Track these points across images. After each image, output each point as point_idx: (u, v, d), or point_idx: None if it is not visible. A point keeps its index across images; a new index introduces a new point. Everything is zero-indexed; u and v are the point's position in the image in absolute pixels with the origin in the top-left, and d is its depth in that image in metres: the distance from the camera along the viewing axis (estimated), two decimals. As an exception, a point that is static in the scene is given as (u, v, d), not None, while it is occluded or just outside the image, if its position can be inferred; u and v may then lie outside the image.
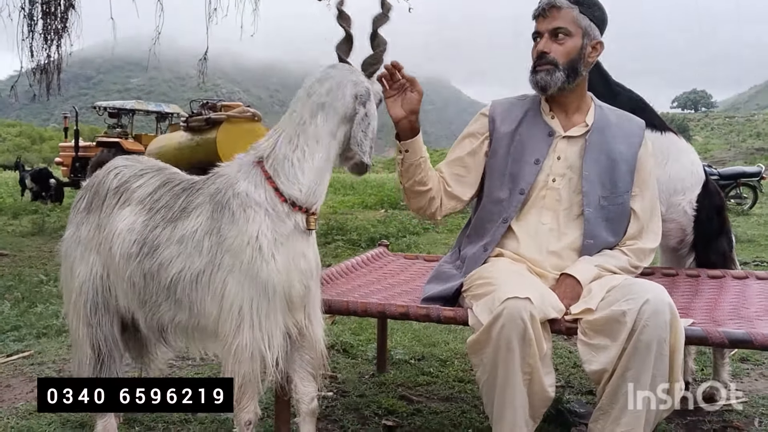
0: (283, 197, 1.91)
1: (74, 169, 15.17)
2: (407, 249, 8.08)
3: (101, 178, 2.22)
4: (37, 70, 8.02)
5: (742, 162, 26.11)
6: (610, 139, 2.33)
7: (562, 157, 2.34)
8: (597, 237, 2.29)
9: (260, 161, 1.94)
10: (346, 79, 1.95)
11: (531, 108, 2.42)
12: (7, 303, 4.81)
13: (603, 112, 2.40)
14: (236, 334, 1.88)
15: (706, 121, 66.36)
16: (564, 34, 2.27)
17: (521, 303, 1.89)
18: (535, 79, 2.30)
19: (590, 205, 2.28)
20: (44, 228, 9.51)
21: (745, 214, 12.82)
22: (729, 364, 3.08)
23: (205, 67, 8.36)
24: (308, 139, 1.92)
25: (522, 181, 2.33)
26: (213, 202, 1.95)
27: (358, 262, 3.20)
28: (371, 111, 1.93)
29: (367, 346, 3.80)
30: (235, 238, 1.89)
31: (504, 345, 1.89)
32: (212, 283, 1.92)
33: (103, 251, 2.14)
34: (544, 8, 2.27)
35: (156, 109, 16.17)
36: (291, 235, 1.93)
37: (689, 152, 2.99)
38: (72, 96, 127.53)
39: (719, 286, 2.70)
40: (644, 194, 2.36)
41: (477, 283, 2.19)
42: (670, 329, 1.86)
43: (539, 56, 2.29)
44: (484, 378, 1.99)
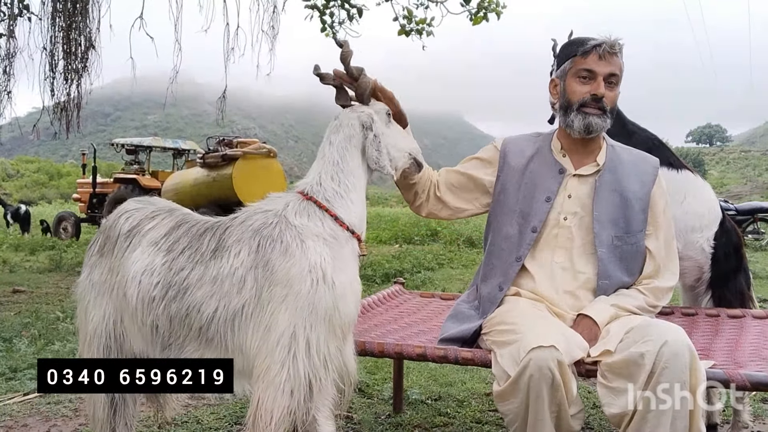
0: (344, 224, 2.03)
1: (91, 205, 15.34)
2: (422, 285, 8.06)
3: (113, 221, 2.24)
4: (57, 108, 8.16)
5: (759, 196, 25.94)
6: (623, 178, 2.33)
7: (573, 195, 2.34)
8: (611, 277, 2.28)
9: (309, 197, 2.04)
10: (350, 117, 2.12)
11: (542, 145, 2.43)
12: (25, 340, 4.83)
13: (615, 151, 2.40)
14: (285, 364, 1.87)
15: (722, 155, 66.22)
16: (615, 82, 2.28)
17: (547, 353, 1.89)
18: (586, 120, 2.27)
19: (603, 245, 2.27)
20: (61, 264, 9.59)
21: (763, 250, 12.68)
22: (749, 404, 3.03)
23: (224, 105, 8.46)
24: (347, 175, 2.07)
25: (534, 218, 2.33)
26: (258, 237, 1.96)
27: (374, 301, 3.19)
28: (378, 130, 2.10)
29: (383, 385, 3.77)
30: (290, 269, 1.90)
31: (534, 394, 1.89)
32: (255, 318, 1.92)
33: (116, 296, 2.14)
34: (607, 50, 2.23)
35: (173, 146, 16.34)
36: (348, 260, 2.03)
37: (706, 189, 2.98)
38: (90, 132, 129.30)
39: (739, 325, 2.68)
40: (658, 233, 2.35)
41: (499, 329, 2.18)
42: (690, 372, 1.83)
43: (595, 98, 2.26)
44: (514, 425, 1.99)
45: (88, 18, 7.82)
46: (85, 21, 7.83)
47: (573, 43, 2.36)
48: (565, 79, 2.34)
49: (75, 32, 7.81)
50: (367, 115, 2.11)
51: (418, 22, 8.71)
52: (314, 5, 8.48)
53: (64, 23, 7.69)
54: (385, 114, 2.18)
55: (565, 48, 2.40)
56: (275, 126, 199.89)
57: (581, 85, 2.29)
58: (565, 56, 2.36)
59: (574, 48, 2.31)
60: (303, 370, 1.88)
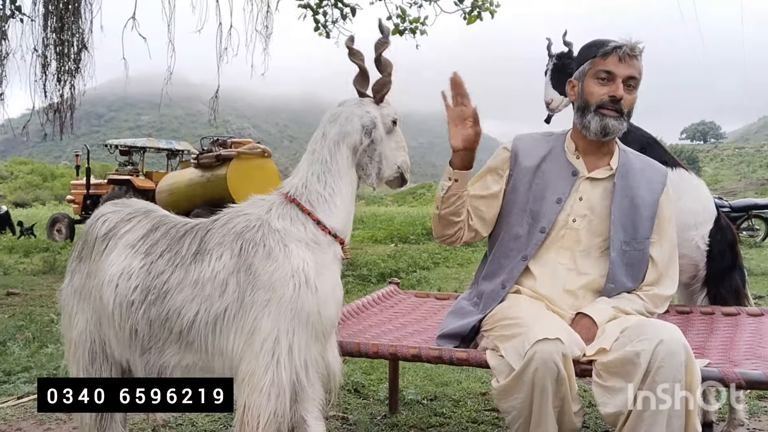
0: (326, 229, 2.00)
1: (85, 206, 15.27)
2: (418, 284, 8.06)
3: (90, 225, 2.23)
4: (50, 109, 8.13)
5: (754, 193, 26.02)
6: (634, 185, 2.32)
7: (585, 198, 2.33)
8: (617, 281, 2.28)
9: (293, 199, 2.01)
10: (353, 114, 2.05)
11: (556, 146, 2.41)
12: (18, 343, 4.81)
13: (627, 156, 2.39)
14: (269, 368, 1.86)
15: (716, 152, 66.37)
16: (634, 85, 2.27)
17: (553, 345, 1.89)
18: (603, 122, 2.25)
19: (614, 249, 2.27)
20: (55, 266, 9.54)
21: (758, 246, 12.71)
22: (744, 401, 3.02)
23: (216, 106, 8.45)
24: (334, 177, 2.03)
25: (543, 219, 2.32)
26: (241, 241, 1.95)
27: (369, 302, 3.18)
28: (377, 138, 2.03)
29: (378, 386, 3.76)
30: (273, 273, 1.89)
31: (539, 389, 1.88)
32: (238, 322, 1.91)
33: (94, 300, 2.13)
34: (627, 53, 2.21)
35: (167, 146, 16.29)
36: (330, 265, 2.01)
37: (701, 187, 2.99)
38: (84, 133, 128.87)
39: (734, 323, 2.68)
40: (663, 241, 2.35)
41: (502, 324, 2.17)
42: (686, 370, 1.83)
43: (613, 100, 2.24)
44: (517, 423, 1.98)
45: (81, 19, 7.79)
46: (78, 22, 7.80)
47: (593, 44, 2.33)
48: (583, 80, 2.32)
49: (67, 33, 7.79)
50: (371, 119, 2.03)
51: (412, 21, 8.72)
52: (307, 4, 8.48)
53: (56, 24, 7.66)
54: (390, 121, 2.11)
55: (585, 50, 2.37)
56: (270, 126, 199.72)
57: (600, 87, 2.27)
58: (585, 57, 2.34)
59: (595, 49, 2.29)
60: (285, 375, 1.87)
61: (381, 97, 2.10)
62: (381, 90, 2.09)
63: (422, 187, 44.92)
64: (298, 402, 1.97)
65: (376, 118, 2.04)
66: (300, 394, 1.95)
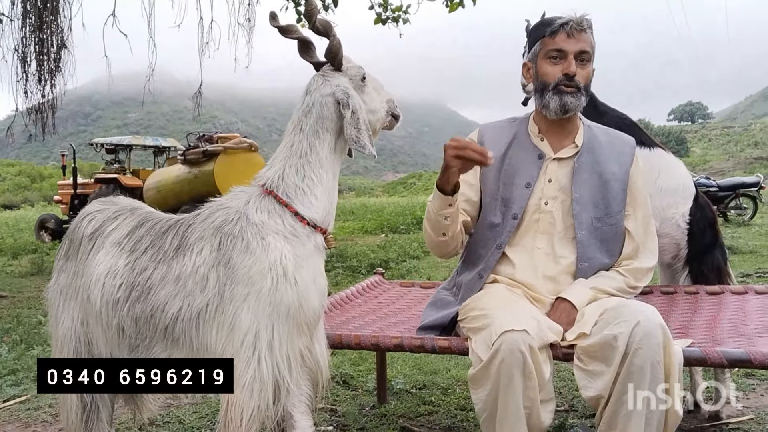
0: (305, 220, 1.96)
1: (73, 206, 15.15)
2: (408, 273, 8.05)
3: (76, 225, 2.21)
4: (32, 110, 8.06)
5: (741, 172, 26.12)
6: (602, 159, 2.30)
7: (554, 179, 2.31)
8: (591, 259, 2.26)
9: (270, 191, 1.97)
10: (323, 94, 1.98)
11: (519, 130, 2.39)
12: (5, 346, 4.77)
13: (592, 131, 2.37)
14: (250, 364, 1.85)
15: (704, 132, 66.64)
16: (587, 59, 2.25)
17: (518, 335, 1.86)
18: (562, 100, 2.23)
19: (582, 227, 2.25)
20: (43, 268, 9.47)
21: (745, 225, 12.79)
22: (731, 379, 3.03)
23: (200, 100, 8.39)
24: (314, 168, 1.97)
25: (514, 205, 2.30)
26: (220, 235, 1.93)
27: (353, 293, 3.17)
28: (356, 106, 1.96)
29: (367, 376, 3.76)
30: (251, 267, 1.87)
31: (505, 380, 1.86)
32: (219, 317, 1.89)
33: (81, 299, 2.11)
34: (575, 28, 2.21)
35: (153, 144, 16.19)
36: (310, 257, 1.97)
37: (679, 166, 3.00)
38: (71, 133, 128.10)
39: (718, 302, 2.68)
40: (637, 213, 2.33)
41: (472, 315, 2.16)
42: (664, 351, 1.82)
43: (568, 77, 2.23)
44: (483, 415, 1.96)
45: (60, 17, 7.72)
46: (57, 20, 7.73)
47: (540, 24, 2.33)
48: (536, 61, 2.31)
49: (46, 32, 7.71)
50: (343, 91, 1.96)
51: (394, 10, 8.66)
52: (288, -5, 8.40)
53: (35, 23, 7.58)
54: (359, 79, 2.04)
55: (534, 30, 2.36)
56: (258, 120, 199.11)
57: (553, 66, 2.26)
58: (534, 39, 2.33)
59: (542, 29, 2.28)
60: (266, 369, 1.85)
61: (339, 61, 2.02)
62: (336, 54, 2.00)
63: (412, 176, 44.93)
64: (284, 397, 1.94)
65: (347, 88, 1.98)
66: (285, 388, 1.92)
